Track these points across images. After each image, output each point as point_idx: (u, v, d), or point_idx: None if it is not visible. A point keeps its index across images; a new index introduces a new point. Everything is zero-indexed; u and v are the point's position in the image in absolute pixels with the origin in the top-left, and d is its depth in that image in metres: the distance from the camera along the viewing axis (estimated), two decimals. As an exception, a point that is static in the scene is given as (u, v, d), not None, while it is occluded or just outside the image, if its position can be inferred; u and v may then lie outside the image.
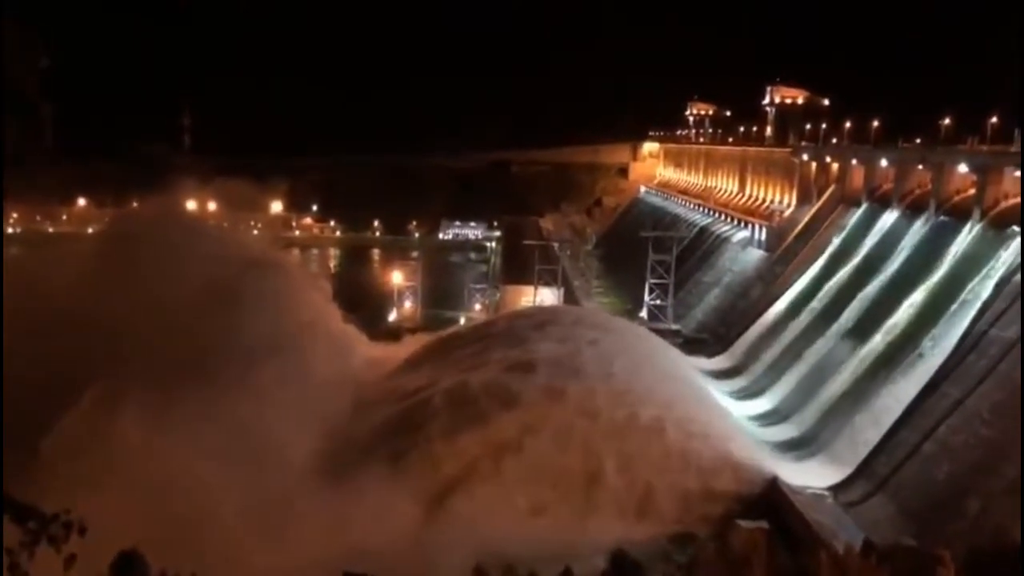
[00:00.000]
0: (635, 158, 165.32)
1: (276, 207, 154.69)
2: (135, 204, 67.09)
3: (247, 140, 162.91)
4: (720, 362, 70.02)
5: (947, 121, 66.50)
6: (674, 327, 77.67)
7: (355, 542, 33.93)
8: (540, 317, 57.41)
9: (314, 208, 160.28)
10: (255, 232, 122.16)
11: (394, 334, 72.44)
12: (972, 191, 56.21)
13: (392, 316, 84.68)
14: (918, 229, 59.77)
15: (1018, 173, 51.70)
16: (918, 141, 70.17)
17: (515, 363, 47.25)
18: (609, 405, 43.60)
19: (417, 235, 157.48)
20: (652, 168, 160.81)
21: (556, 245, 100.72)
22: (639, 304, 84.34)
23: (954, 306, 49.47)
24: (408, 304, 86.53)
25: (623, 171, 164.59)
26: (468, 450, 41.90)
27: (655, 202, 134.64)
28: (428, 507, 39.84)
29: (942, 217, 57.86)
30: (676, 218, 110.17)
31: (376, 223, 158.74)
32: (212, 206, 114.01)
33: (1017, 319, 43.47)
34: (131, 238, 55.61)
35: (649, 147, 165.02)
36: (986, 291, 47.54)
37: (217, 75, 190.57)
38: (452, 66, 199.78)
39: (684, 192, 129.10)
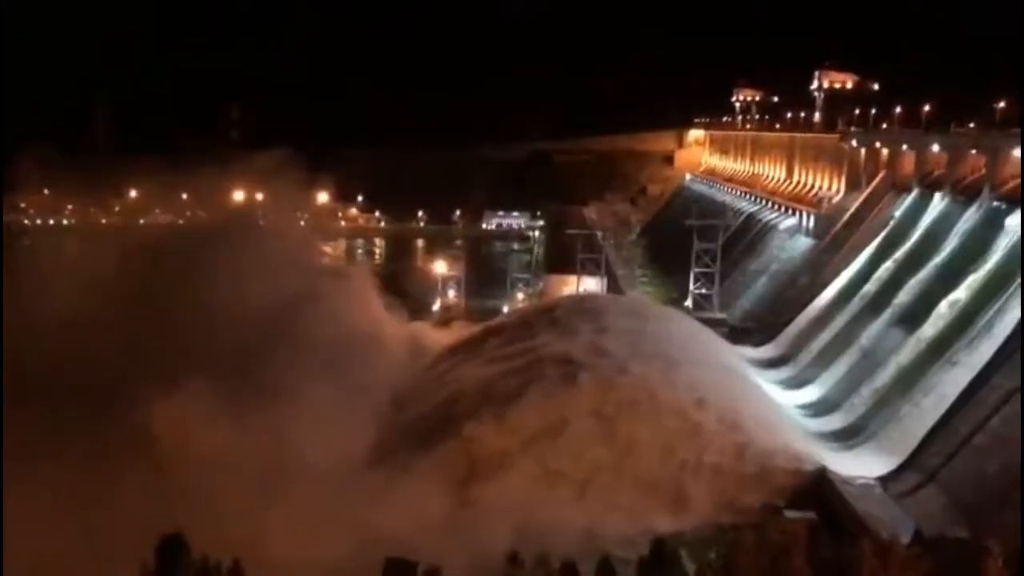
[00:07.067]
0: (680, 145, 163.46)
1: (322, 198, 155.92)
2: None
3: (294, 133, 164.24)
4: (767, 351, 69.16)
5: (1002, 104, 64.61)
6: (719, 316, 76.79)
7: (393, 529, 34.23)
8: (580, 305, 57.31)
9: (359, 199, 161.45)
10: (302, 223, 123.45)
11: (439, 322, 73.09)
12: (1028, 175, 54.74)
13: (436, 305, 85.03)
14: (971, 215, 58.33)
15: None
16: (971, 125, 68.24)
17: (554, 352, 47.29)
18: (650, 393, 43.39)
19: (461, 225, 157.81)
20: (698, 155, 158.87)
21: (600, 234, 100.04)
22: (684, 293, 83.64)
23: (1006, 294, 48.25)
24: (452, 293, 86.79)
25: (668, 159, 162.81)
26: (505, 437, 42.03)
27: (701, 190, 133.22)
28: (463, 494, 40.05)
29: (996, 203, 56.38)
30: (722, 206, 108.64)
31: (420, 213, 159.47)
32: (259, 196, 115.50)
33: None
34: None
35: (695, 134, 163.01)
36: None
37: (266, 70, 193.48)
38: (497, 58, 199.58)
39: (730, 179, 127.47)
